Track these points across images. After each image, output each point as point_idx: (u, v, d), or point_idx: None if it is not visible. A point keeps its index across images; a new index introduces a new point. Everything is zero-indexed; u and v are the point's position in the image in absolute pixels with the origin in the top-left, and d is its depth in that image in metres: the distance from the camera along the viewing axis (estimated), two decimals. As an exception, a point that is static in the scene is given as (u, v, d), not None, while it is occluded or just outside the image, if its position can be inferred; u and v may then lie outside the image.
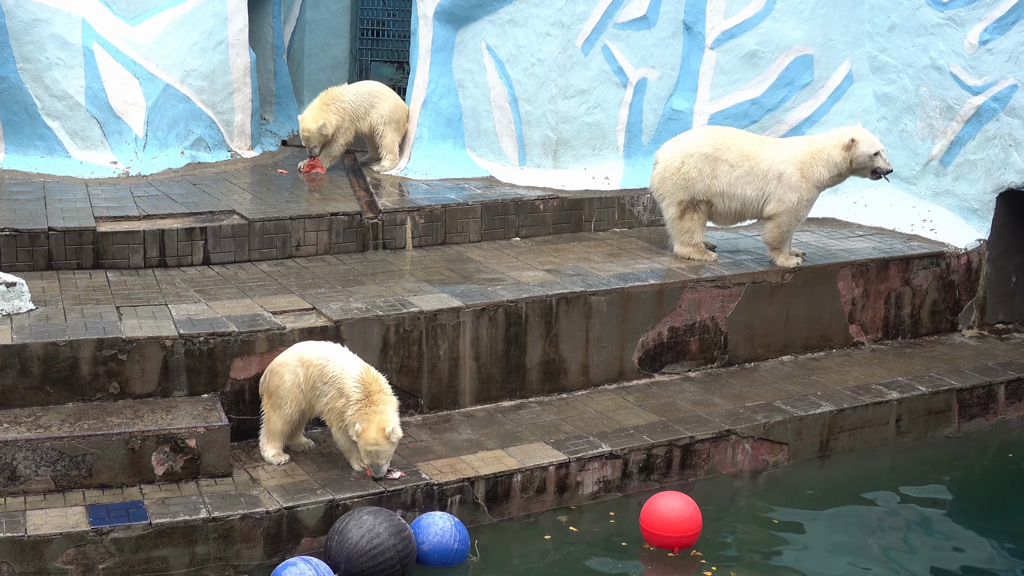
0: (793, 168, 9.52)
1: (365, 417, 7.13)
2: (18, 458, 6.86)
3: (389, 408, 7.23)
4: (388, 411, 7.21)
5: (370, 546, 6.69)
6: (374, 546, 6.70)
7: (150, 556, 6.66)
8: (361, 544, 6.70)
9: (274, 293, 8.60)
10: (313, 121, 11.17)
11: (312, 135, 11.21)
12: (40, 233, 8.83)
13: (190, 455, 7.16)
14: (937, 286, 10.49)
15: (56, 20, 10.89)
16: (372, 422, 7.12)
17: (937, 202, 11.18)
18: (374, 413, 7.15)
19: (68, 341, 7.35)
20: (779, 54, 11.21)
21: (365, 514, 6.84)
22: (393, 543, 6.74)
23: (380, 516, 6.82)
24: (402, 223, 10.02)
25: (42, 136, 10.99)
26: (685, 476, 8.26)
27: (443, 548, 6.99)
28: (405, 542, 6.80)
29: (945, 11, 10.86)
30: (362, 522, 6.78)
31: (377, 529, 6.74)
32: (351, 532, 6.75)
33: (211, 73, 11.76)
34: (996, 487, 8.87)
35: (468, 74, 11.66)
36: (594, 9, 11.19)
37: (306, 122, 11.22)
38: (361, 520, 6.79)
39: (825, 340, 10.02)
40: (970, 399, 9.46)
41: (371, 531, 6.73)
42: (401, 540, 6.78)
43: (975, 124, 10.74)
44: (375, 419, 7.13)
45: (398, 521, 6.87)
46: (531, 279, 9.17)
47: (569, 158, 11.46)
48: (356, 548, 6.70)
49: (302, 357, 7.43)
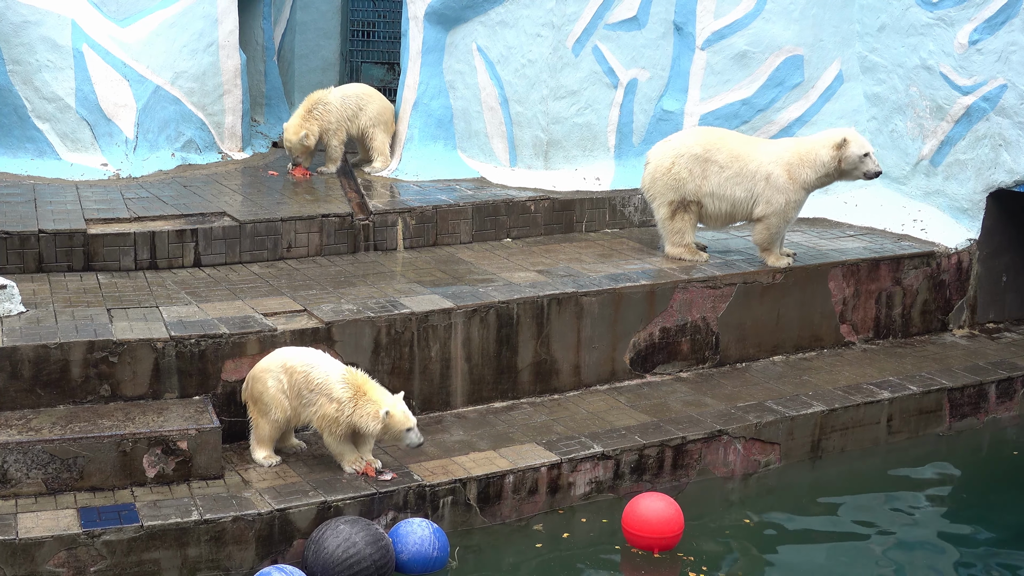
0: (781, 169, 9.53)
1: (372, 404, 7.17)
2: (9, 461, 6.84)
3: (381, 389, 7.30)
4: (383, 393, 7.28)
5: (346, 555, 6.68)
6: (350, 555, 6.68)
7: (142, 559, 6.64)
8: (337, 554, 6.69)
9: (265, 295, 8.59)
10: (295, 132, 11.11)
11: (293, 146, 11.16)
12: (30, 235, 8.81)
13: (182, 457, 7.15)
14: (928, 286, 10.51)
15: (46, 22, 10.87)
16: (386, 404, 7.17)
17: (927, 202, 11.21)
18: (376, 398, 7.20)
19: (59, 343, 7.34)
20: (769, 54, 11.23)
21: (342, 523, 6.82)
22: (369, 552, 6.72)
23: (357, 526, 6.80)
24: (393, 224, 10.02)
25: (32, 138, 10.97)
26: (677, 476, 8.26)
27: (422, 556, 6.95)
28: (382, 551, 6.79)
29: (935, 11, 10.88)
30: (338, 531, 6.76)
31: (354, 539, 6.73)
32: (328, 542, 6.73)
33: (201, 75, 11.75)
34: (988, 486, 8.88)
35: (459, 75, 11.66)
36: (584, 10, 11.19)
37: (288, 133, 11.15)
38: (338, 530, 6.78)
39: (816, 340, 10.04)
40: (961, 398, 9.48)
41: (347, 540, 6.72)
42: (378, 549, 6.76)
43: (965, 124, 10.77)
44: (386, 400, 7.19)
45: (375, 530, 6.85)
46: (522, 280, 9.17)
47: (560, 159, 11.46)
48: (332, 558, 6.69)
49: (285, 363, 7.41)
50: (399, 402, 7.25)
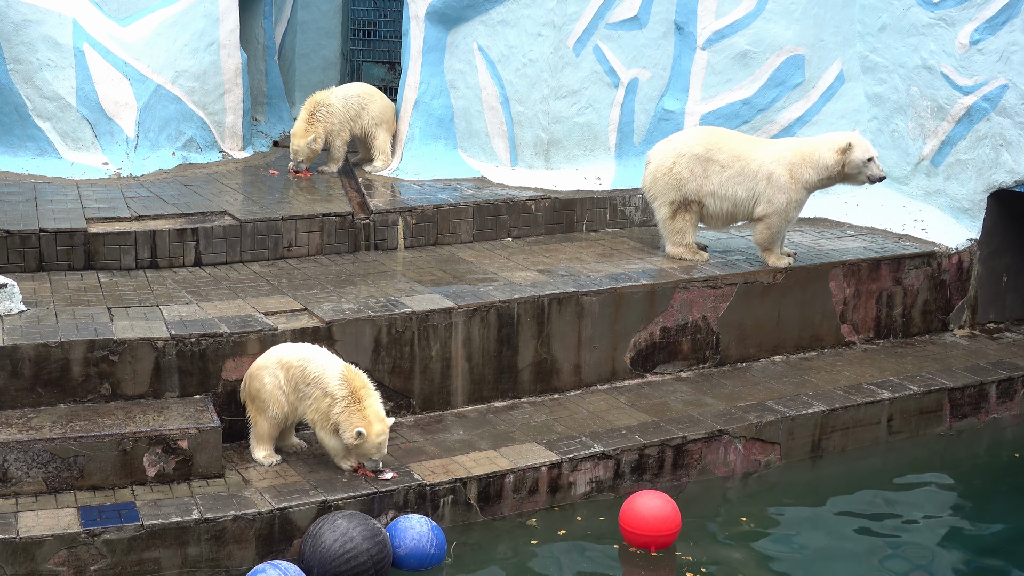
0: (782, 169, 9.53)
1: (360, 415, 7.15)
2: (9, 460, 6.84)
3: (376, 402, 7.28)
4: (376, 404, 7.26)
5: (343, 550, 6.67)
6: (347, 550, 6.67)
7: (142, 558, 6.64)
8: (334, 548, 6.68)
9: (266, 294, 8.59)
10: (302, 137, 11.14)
11: (300, 149, 11.17)
12: (31, 234, 8.81)
13: (182, 456, 7.15)
14: (928, 286, 10.51)
15: (47, 21, 10.87)
16: (369, 418, 7.15)
17: (928, 202, 11.20)
18: (365, 409, 7.18)
19: (59, 342, 7.34)
20: (770, 54, 11.23)
21: (339, 518, 6.81)
22: (367, 547, 6.71)
23: (354, 520, 6.80)
24: (394, 224, 10.02)
25: (33, 137, 10.97)
26: (677, 476, 8.26)
27: (419, 552, 6.95)
28: (379, 546, 6.77)
29: (936, 11, 10.88)
30: (336, 526, 6.75)
31: (351, 533, 6.71)
32: (325, 536, 6.72)
33: (202, 74, 11.74)
34: (988, 486, 8.88)
35: (460, 75, 11.65)
36: (585, 9, 11.19)
37: (296, 138, 11.18)
38: (335, 524, 6.77)
39: (817, 340, 10.04)
40: (961, 398, 9.48)
41: (344, 535, 6.70)
42: (375, 544, 6.75)
43: (966, 124, 10.76)
44: (370, 414, 7.16)
45: (373, 525, 6.84)
46: (523, 279, 9.17)
47: (561, 158, 11.46)
48: (329, 552, 6.68)
49: (281, 359, 7.41)
50: (379, 430, 7.17)
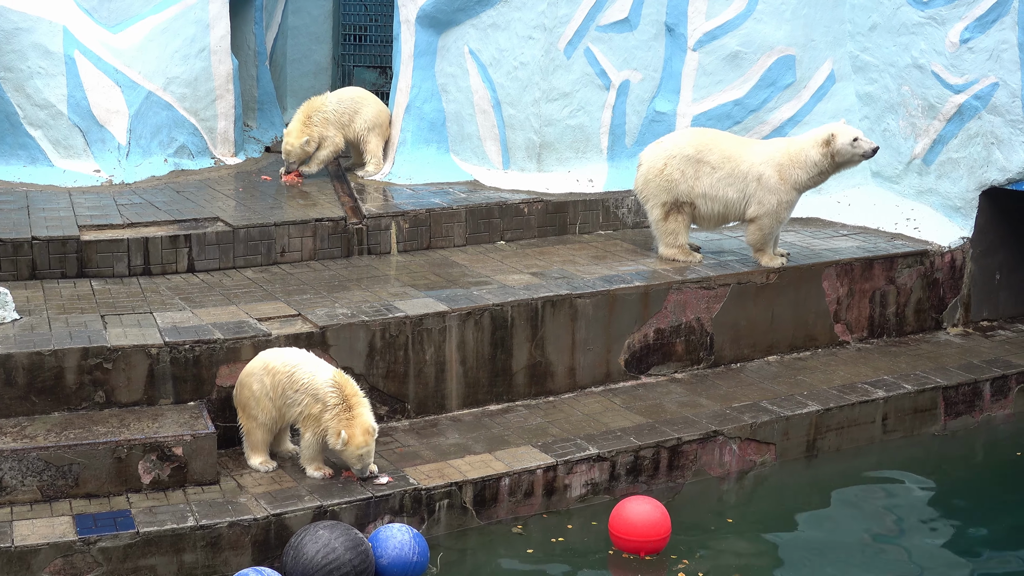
0: (772, 170, 9.54)
1: (347, 424, 7.16)
2: (4, 468, 6.83)
3: (366, 410, 7.29)
4: (366, 413, 7.27)
5: (325, 561, 6.65)
6: (329, 561, 6.65)
7: (138, 565, 6.64)
8: (316, 559, 6.65)
9: (259, 300, 8.59)
10: (297, 137, 11.15)
11: (294, 150, 11.17)
12: (24, 242, 8.80)
13: (177, 463, 7.14)
14: (921, 284, 10.52)
15: (37, 29, 10.86)
16: (355, 427, 7.15)
17: (920, 200, 11.22)
18: (355, 417, 7.20)
19: (53, 350, 7.33)
20: (761, 55, 11.24)
21: (321, 528, 6.79)
22: (349, 558, 6.69)
23: (336, 531, 6.78)
24: (387, 228, 10.02)
25: (24, 145, 10.95)
26: (673, 477, 8.27)
27: (402, 560, 6.91)
28: (361, 556, 6.75)
29: (926, 10, 10.90)
30: (317, 537, 6.73)
31: (333, 544, 6.69)
32: (306, 547, 6.70)
33: (193, 80, 11.73)
34: (983, 484, 8.89)
35: (451, 78, 11.65)
36: (576, 12, 11.19)
37: (290, 137, 11.18)
38: (316, 535, 6.74)
39: (810, 340, 10.05)
40: (956, 397, 9.49)
41: (327, 546, 6.68)
42: (357, 555, 6.73)
43: (957, 122, 10.78)
44: (356, 423, 7.17)
45: (355, 536, 6.82)
46: (516, 282, 9.17)
47: (553, 161, 11.46)
48: (311, 563, 6.65)
49: (267, 365, 7.42)
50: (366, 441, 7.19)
